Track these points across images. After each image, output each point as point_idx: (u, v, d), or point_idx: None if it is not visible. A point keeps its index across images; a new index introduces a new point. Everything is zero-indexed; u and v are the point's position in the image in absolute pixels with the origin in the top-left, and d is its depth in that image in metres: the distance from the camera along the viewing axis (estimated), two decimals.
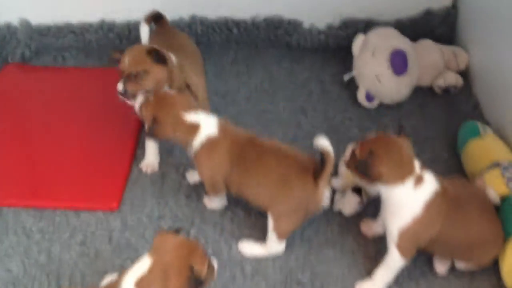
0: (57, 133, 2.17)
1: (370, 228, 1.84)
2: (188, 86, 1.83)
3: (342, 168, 1.94)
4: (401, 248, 1.60)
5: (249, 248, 1.79)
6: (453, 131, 2.12)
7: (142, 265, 1.40)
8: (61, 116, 2.24)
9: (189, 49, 2.14)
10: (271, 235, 1.75)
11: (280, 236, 1.74)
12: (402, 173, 1.56)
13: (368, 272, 1.73)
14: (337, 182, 1.92)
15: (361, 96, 2.23)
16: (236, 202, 1.92)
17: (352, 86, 2.30)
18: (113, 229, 1.88)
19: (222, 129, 1.75)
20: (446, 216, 1.58)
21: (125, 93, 1.83)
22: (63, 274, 1.75)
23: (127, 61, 1.82)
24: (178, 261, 1.40)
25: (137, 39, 2.45)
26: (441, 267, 1.72)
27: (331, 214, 1.90)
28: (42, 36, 2.52)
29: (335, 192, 1.91)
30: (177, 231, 1.48)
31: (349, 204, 1.87)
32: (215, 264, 1.50)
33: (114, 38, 2.51)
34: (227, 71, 2.43)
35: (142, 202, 1.96)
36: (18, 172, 2.03)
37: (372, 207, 1.89)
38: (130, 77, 1.83)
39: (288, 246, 1.79)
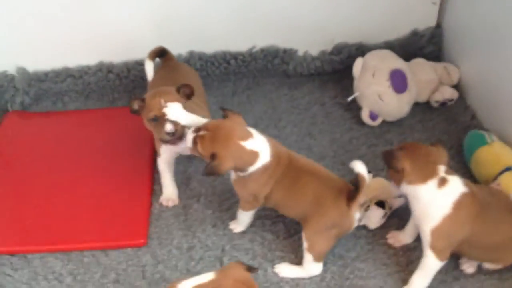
0: (70, 177, 2.16)
1: (397, 239, 1.90)
2: None
3: None
4: (435, 249, 1.67)
5: (288, 271, 1.83)
6: (455, 141, 2.23)
7: (205, 277, 1.50)
8: (70, 160, 2.23)
9: (192, 82, 2.18)
10: (307, 256, 1.79)
11: (315, 257, 1.78)
12: (424, 172, 1.66)
13: (403, 282, 1.78)
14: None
15: (365, 116, 2.31)
16: (262, 226, 1.96)
17: (353, 106, 2.39)
18: (145, 264, 1.87)
19: (272, 152, 1.75)
20: (476, 218, 1.66)
21: (175, 133, 1.83)
22: None
23: (163, 103, 1.83)
24: None
25: (136, 77, 2.52)
26: (469, 268, 1.80)
27: (357, 229, 1.94)
28: (41, 82, 2.52)
29: None
30: (250, 268, 1.53)
31: (374, 218, 1.93)
32: None
33: (113, 79, 2.53)
34: (228, 102, 2.48)
35: (168, 235, 1.96)
36: (39, 218, 2.00)
37: (395, 219, 1.96)
38: None
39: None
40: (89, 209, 2.04)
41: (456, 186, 1.67)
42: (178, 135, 1.84)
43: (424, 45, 2.56)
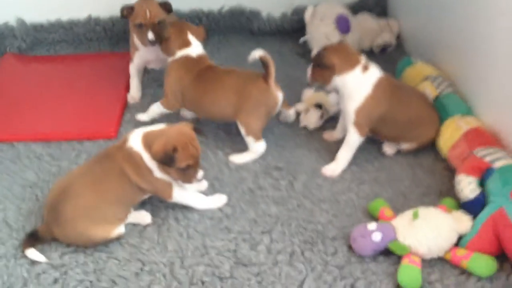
0: (56, 93, 2.53)
1: (331, 135, 2.22)
2: None
3: (304, 94, 2.35)
4: (357, 125, 1.98)
5: (239, 158, 2.13)
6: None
7: (157, 126, 1.84)
8: (58, 87, 2.58)
9: None
10: (248, 139, 2.10)
11: (254, 136, 2.09)
12: (350, 62, 1.99)
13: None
14: (300, 105, 2.31)
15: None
16: (217, 126, 2.27)
17: (307, 56, 2.74)
18: None
19: (201, 53, 2.23)
20: (391, 97, 1.99)
21: (155, 41, 2.23)
22: None
23: (148, 13, 2.23)
24: (173, 139, 1.78)
25: (119, 31, 2.89)
26: (389, 149, 2.11)
27: (298, 129, 2.27)
28: (37, 32, 2.89)
29: (300, 114, 2.31)
30: (196, 130, 1.85)
31: (312, 118, 2.25)
32: (198, 176, 1.84)
33: (100, 31, 2.91)
34: None
35: None
36: (28, 116, 2.37)
37: (332, 123, 2.28)
38: (155, 26, 2.24)
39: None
40: (69, 113, 2.39)
41: (375, 71, 2.01)
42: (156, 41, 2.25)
43: (372, 7, 2.95)
